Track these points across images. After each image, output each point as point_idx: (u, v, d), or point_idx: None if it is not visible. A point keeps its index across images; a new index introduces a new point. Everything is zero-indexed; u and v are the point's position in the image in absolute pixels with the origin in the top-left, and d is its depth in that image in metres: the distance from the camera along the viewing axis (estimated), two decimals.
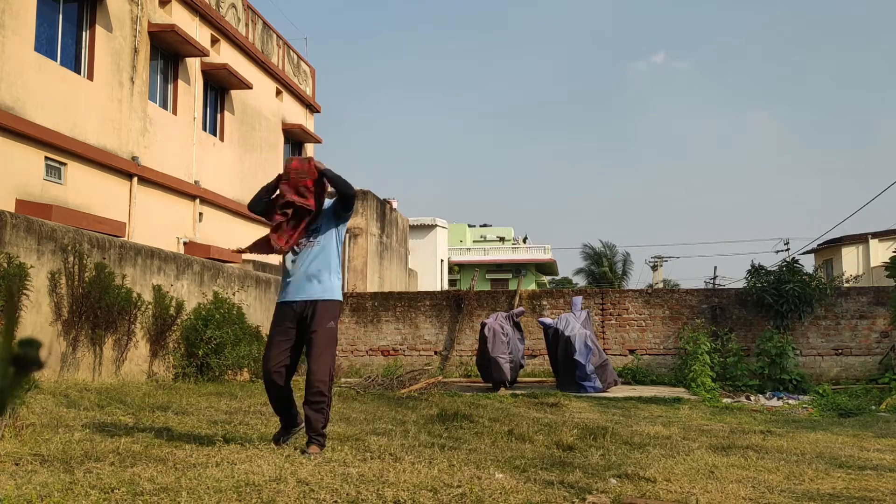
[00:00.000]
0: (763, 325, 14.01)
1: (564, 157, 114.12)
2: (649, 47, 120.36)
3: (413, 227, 33.33)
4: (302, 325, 4.85)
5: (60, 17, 13.32)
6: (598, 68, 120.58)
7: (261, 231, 18.37)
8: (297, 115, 23.07)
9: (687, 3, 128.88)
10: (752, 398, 11.96)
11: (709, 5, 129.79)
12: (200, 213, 17.04)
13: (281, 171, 5.00)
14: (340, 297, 4.99)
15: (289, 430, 5.06)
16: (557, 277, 54.21)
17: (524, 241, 52.63)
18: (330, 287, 4.88)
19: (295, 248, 4.92)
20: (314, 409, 4.75)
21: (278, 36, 22.03)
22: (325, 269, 4.88)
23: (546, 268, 49.24)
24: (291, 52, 23.18)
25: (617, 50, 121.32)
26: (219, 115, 18.60)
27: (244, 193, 18.15)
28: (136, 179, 14.71)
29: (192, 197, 16.76)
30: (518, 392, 10.78)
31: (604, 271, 45.77)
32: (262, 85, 20.61)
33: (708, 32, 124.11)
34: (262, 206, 5.01)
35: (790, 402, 11.46)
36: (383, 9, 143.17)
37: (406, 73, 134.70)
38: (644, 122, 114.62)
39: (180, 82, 16.71)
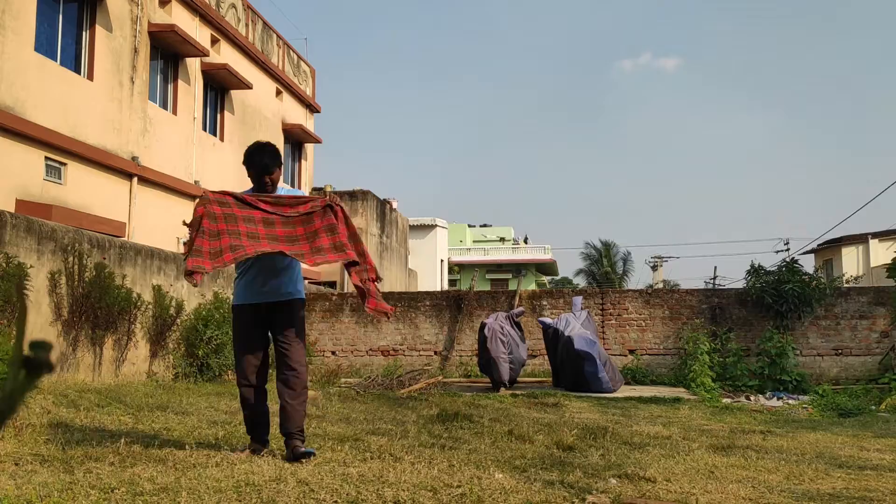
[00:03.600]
0: (763, 325, 13.99)
1: (564, 156, 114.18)
2: (648, 47, 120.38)
3: (413, 227, 33.31)
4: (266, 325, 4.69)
5: (60, 17, 13.32)
6: (597, 67, 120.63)
7: None
8: (297, 115, 23.08)
9: (686, 2, 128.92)
10: (752, 398, 11.95)
11: (707, 4, 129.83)
12: None
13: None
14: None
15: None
16: (557, 277, 54.21)
17: (524, 241, 52.63)
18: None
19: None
20: (299, 403, 4.61)
21: (278, 36, 22.02)
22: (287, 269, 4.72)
23: (546, 268, 49.23)
24: (291, 52, 23.18)
25: (616, 49, 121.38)
26: (219, 115, 18.61)
27: None
28: (136, 179, 14.71)
29: (193, 197, 16.74)
30: (518, 392, 10.77)
31: (606, 272, 45.74)
32: (262, 85, 20.61)
33: (708, 31, 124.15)
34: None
35: (790, 402, 11.45)
36: (384, 9, 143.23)
37: (406, 73, 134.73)
38: (644, 122, 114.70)
39: (180, 82, 16.71)
